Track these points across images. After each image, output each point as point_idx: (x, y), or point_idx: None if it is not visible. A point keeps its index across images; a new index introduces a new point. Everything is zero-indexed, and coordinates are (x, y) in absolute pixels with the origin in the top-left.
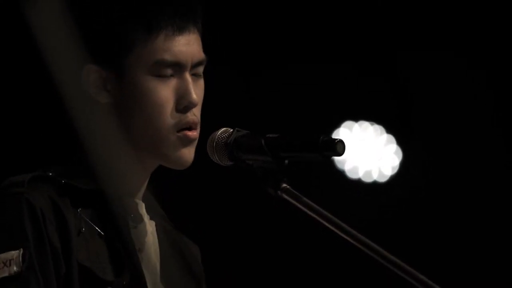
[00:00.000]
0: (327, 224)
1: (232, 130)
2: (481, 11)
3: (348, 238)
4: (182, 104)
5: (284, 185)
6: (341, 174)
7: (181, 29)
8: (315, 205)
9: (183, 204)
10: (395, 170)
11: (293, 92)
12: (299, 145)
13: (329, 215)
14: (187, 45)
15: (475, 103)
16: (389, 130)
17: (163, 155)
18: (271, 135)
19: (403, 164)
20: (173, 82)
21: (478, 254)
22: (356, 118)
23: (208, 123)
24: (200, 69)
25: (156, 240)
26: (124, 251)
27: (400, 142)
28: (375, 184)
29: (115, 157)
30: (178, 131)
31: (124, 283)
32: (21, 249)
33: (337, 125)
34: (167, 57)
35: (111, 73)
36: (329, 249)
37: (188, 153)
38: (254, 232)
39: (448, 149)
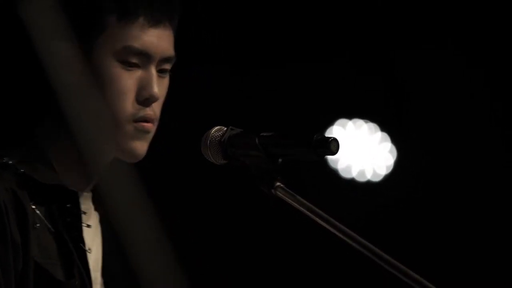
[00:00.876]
0: (321, 223)
1: (226, 128)
2: (477, 9)
3: (343, 237)
4: (143, 96)
5: (278, 183)
6: (334, 173)
7: (156, 22)
8: (309, 204)
9: (178, 203)
10: (390, 169)
11: (287, 90)
12: (293, 144)
13: (323, 213)
14: (158, 38)
15: (471, 101)
16: (383, 128)
17: (117, 144)
18: (265, 134)
19: (398, 163)
20: (137, 73)
21: (473, 254)
22: (349, 116)
23: (202, 122)
24: (167, 66)
25: (100, 234)
26: (75, 251)
27: (394, 141)
28: (369, 183)
29: (69, 145)
30: (135, 121)
31: (76, 283)
32: None
33: (330, 123)
34: (136, 44)
35: (79, 52)
36: (324, 247)
37: (141, 146)
38: (248, 231)
39: (443, 148)
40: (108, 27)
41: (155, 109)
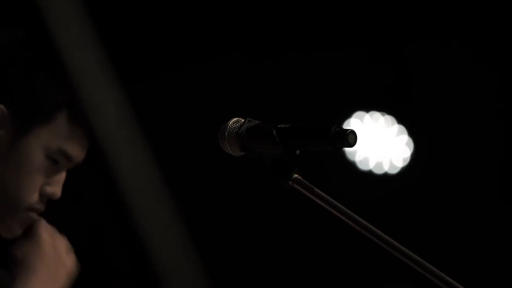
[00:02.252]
0: (338, 215)
1: (243, 120)
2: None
3: (360, 229)
4: (47, 192)
5: (296, 175)
6: (351, 165)
7: (88, 132)
8: (327, 196)
9: (195, 195)
10: (406, 162)
11: (305, 82)
12: (311, 136)
13: (341, 206)
14: (84, 149)
15: (486, 95)
16: (400, 120)
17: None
18: (282, 125)
19: (415, 156)
20: (51, 168)
21: (489, 245)
22: (367, 109)
23: (220, 113)
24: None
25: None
26: None
27: (411, 133)
28: (386, 175)
29: None
30: (28, 210)
31: None
32: None
33: (348, 115)
34: (70, 150)
35: (12, 124)
36: (341, 240)
37: (16, 230)
38: (266, 223)
39: (459, 140)
40: (53, 122)
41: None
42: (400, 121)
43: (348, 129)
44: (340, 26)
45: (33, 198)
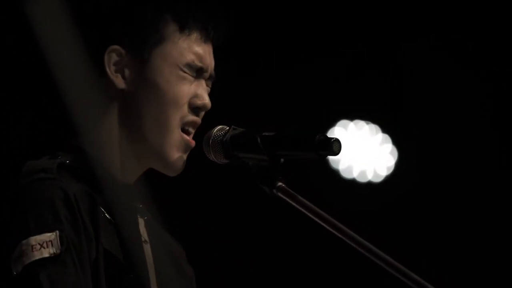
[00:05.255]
0: (321, 223)
1: (228, 128)
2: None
3: (343, 237)
4: (195, 104)
5: (280, 183)
6: (335, 173)
7: (207, 38)
8: (310, 204)
9: (179, 202)
10: (390, 170)
11: (289, 90)
12: (295, 144)
13: (323, 213)
14: (210, 55)
15: (471, 104)
16: (384, 129)
17: (162, 153)
18: (267, 133)
19: (399, 164)
20: (191, 82)
21: (473, 254)
22: (351, 117)
23: (204, 121)
24: (209, 84)
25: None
26: (132, 241)
27: (395, 142)
28: (370, 184)
29: (113, 150)
30: (183, 128)
31: (136, 273)
32: (57, 231)
33: (332, 123)
34: (197, 62)
35: (134, 59)
36: (324, 247)
37: (183, 161)
38: (250, 230)
39: (444, 149)
40: (167, 40)
41: (201, 117)
42: (384, 130)
43: (333, 138)
44: (325, 35)
45: (181, 112)
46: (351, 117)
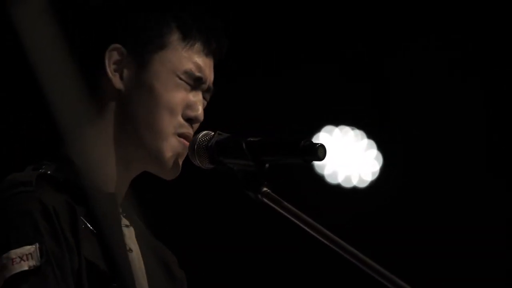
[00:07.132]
0: (306, 228)
1: (213, 133)
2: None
3: (327, 243)
4: (188, 115)
5: (265, 189)
6: (320, 178)
7: (209, 51)
8: (295, 209)
9: (164, 208)
10: (375, 176)
11: (275, 95)
12: (280, 149)
13: (308, 219)
14: (210, 68)
15: (457, 109)
16: (369, 135)
17: (159, 157)
18: (252, 139)
19: (384, 170)
20: (187, 92)
21: (459, 258)
22: (336, 123)
23: None
24: (207, 97)
25: (137, 245)
26: (116, 250)
27: (380, 148)
28: (354, 189)
29: (101, 156)
30: (178, 136)
31: (121, 283)
32: (37, 244)
33: (317, 129)
34: (196, 71)
35: (134, 61)
36: (309, 253)
37: (179, 165)
38: (234, 236)
39: (429, 155)
40: (170, 46)
41: (194, 129)
42: (369, 135)
43: (318, 143)
44: (311, 41)
45: (176, 120)
46: (336, 123)
